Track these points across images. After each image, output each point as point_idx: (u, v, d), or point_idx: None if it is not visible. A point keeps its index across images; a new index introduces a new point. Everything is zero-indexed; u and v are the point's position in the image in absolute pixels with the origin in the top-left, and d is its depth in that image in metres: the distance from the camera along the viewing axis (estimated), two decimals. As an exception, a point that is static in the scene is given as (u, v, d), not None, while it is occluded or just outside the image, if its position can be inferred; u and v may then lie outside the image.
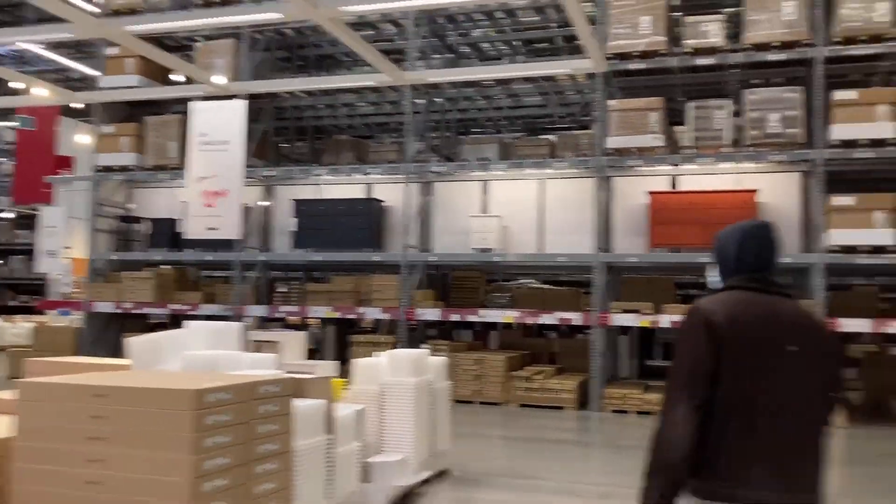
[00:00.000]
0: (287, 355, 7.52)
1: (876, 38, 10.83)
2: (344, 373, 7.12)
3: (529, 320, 12.54)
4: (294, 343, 7.56)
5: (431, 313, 12.84)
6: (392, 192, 14.03)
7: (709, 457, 2.37)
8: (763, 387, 2.36)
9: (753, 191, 11.66)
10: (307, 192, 14.59)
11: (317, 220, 13.70)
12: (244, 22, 7.55)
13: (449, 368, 12.65)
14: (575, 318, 12.31)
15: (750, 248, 2.53)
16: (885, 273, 17.32)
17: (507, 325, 14.97)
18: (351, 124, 17.74)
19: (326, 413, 5.41)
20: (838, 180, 13.41)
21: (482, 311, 12.80)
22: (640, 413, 11.53)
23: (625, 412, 11.62)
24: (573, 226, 12.97)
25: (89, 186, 15.28)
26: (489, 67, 14.48)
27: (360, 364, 6.91)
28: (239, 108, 6.99)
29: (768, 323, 2.42)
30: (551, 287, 15.56)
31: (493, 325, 17.79)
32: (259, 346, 7.66)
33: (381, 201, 14.04)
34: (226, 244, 13.81)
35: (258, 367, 5.74)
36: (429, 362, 7.27)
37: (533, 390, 12.12)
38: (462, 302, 14.25)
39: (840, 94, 10.91)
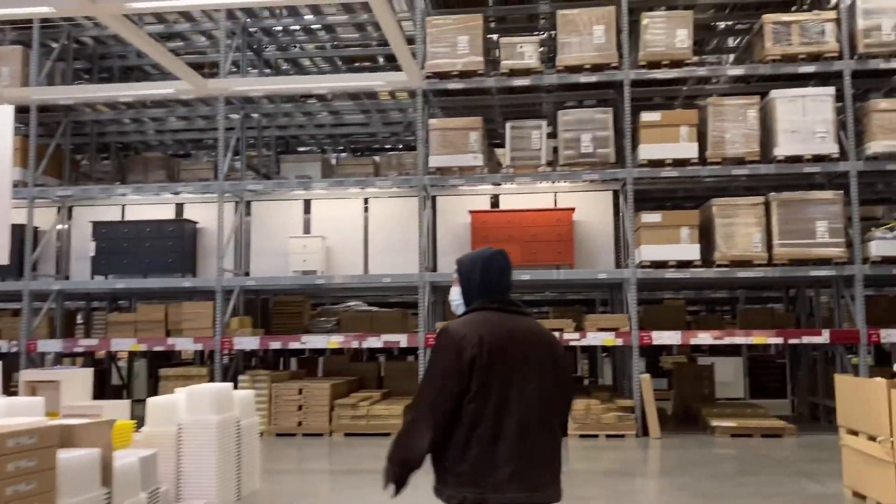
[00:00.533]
0: (69, 396, 6.64)
1: (677, 63, 11.43)
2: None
3: (355, 344, 12.09)
4: (78, 382, 6.69)
5: (249, 342, 12.08)
6: (206, 212, 13.17)
7: (460, 465, 2.63)
8: (508, 398, 2.62)
9: (570, 209, 11.93)
10: (112, 214, 13.40)
11: (120, 244, 12.56)
12: (7, 15, 6.64)
13: (270, 400, 11.98)
14: (402, 340, 12.00)
15: (492, 273, 2.83)
16: (692, 287, 18.48)
17: (337, 351, 14.44)
18: (161, 141, 16.66)
19: (102, 463, 4.70)
20: (647, 198, 14.10)
21: (304, 337, 12.21)
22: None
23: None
24: (399, 246, 12.73)
25: None
26: (299, 78, 13.95)
27: (153, 403, 6.18)
28: (5, 114, 6.08)
29: (510, 339, 2.68)
30: (378, 309, 15.23)
31: (321, 352, 17.23)
32: (34, 388, 6.73)
33: (194, 222, 13.13)
34: (14, 271, 12.40)
35: (19, 415, 4.93)
36: (234, 397, 6.65)
37: (358, 418, 11.66)
38: (284, 328, 13.61)
39: (646, 116, 11.40)
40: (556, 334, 11.49)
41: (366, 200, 13.10)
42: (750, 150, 11.19)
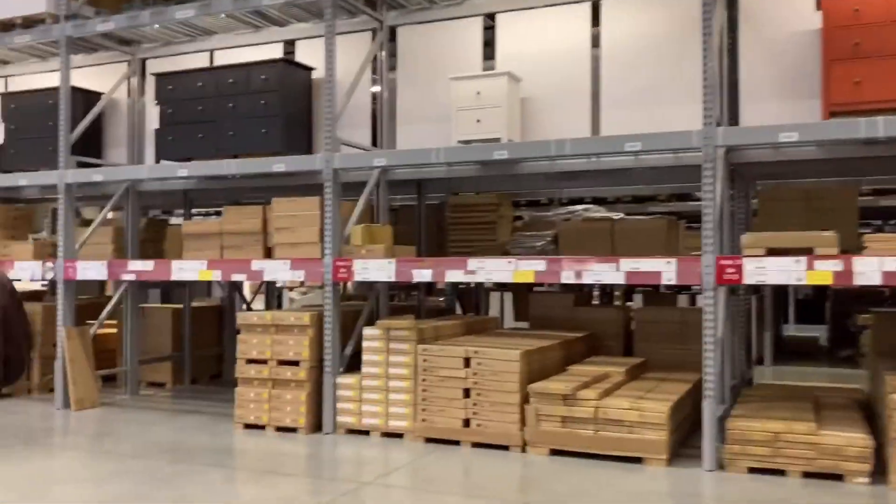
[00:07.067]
0: None
1: None
2: None
3: (566, 277, 6.11)
4: None
5: (377, 268, 6.60)
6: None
7: None
8: None
9: None
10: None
11: (193, 108, 7.68)
12: None
13: (416, 374, 6.46)
14: (666, 269, 5.80)
15: None
16: None
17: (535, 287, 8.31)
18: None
19: None
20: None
21: (473, 263, 6.41)
22: (807, 475, 5.14)
23: (782, 473, 5.22)
24: (659, 89, 6.53)
25: None
26: None
27: None
28: None
29: None
30: (626, 217, 8.95)
31: (525, 288, 11.31)
32: None
33: (308, 68, 7.84)
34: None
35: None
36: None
37: (576, 422, 5.83)
38: (469, 247, 7.96)
39: None
40: None
41: (595, 8, 6.93)
42: None
